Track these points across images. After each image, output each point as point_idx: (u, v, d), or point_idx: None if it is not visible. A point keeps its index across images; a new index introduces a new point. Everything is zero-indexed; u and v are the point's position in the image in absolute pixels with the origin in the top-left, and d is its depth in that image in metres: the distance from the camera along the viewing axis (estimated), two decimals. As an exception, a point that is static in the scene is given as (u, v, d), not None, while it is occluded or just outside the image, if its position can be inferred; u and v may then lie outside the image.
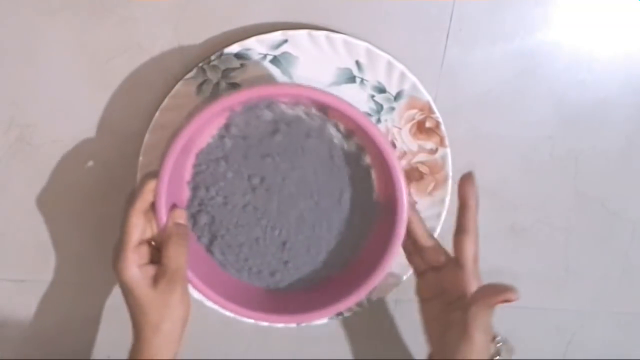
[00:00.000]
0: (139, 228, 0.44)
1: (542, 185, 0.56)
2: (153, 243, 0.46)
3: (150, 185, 0.44)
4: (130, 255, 0.43)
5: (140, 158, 0.50)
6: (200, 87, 0.48)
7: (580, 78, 0.52)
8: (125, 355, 0.46)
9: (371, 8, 0.48)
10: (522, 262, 0.59)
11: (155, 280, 0.44)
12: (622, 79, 0.53)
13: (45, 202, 0.53)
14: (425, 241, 0.47)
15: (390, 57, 0.48)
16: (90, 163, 0.52)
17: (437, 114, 0.50)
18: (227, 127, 0.48)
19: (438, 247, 0.47)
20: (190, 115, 0.46)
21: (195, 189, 0.49)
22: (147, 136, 0.49)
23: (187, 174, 0.49)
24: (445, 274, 0.46)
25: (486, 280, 0.61)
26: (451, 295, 0.45)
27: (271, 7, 0.48)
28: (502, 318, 0.62)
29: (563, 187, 0.57)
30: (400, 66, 0.48)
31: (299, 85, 0.47)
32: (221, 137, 0.48)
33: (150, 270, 0.44)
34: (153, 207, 0.45)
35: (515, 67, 0.51)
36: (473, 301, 0.44)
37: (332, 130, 0.48)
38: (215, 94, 0.49)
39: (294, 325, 0.58)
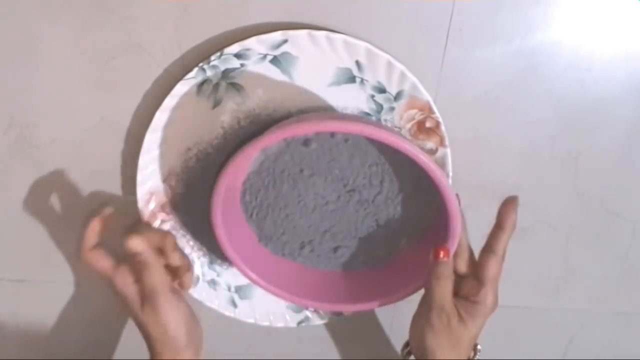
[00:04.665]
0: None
1: (542, 185, 0.56)
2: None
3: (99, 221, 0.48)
4: (117, 279, 0.47)
5: (140, 158, 0.50)
6: (200, 87, 0.48)
7: (580, 78, 0.52)
8: (123, 354, 0.46)
9: (371, 8, 0.48)
10: (522, 262, 0.59)
11: (140, 299, 0.46)
12: (622, 79, 0.53)
13: (45, 202, 0.53)
14: (462, 250, 0.49)
15: (390, 57, 0.48)
16: (91, 163, 0.52)
17: (437, 114, 0.50)
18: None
19: (471, 257, 0.50)
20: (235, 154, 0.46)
21: (248, 192, 0.51)
22: (147, 136, 0.49)
23: (239, 179, 0.51)
24: (465, 283, 0.49)
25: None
26: (463, 302, 0.48)
27: (271, 7, 0.48)
28: (502, 318, 0.62)
29: (563, 187, 0.57)
30: (400, 66, 0.48)
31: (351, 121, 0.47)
32: (280, 147, 0.50)
33: (138, 289, 0.47)
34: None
35: (516, 67, 0.51)
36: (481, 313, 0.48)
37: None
38: (215, 94, 0.49)
39: (293, 325, 0.58)
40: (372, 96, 0.50)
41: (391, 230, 0.53)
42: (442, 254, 0.47)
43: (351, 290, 0.53)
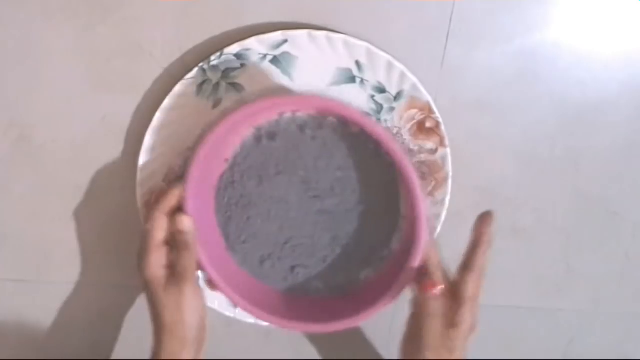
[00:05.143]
0: (162, 229, 0.46)
1: (542, 185, 0.56)
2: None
3: (176, 191, 0.46)
4: (153, 255, 0.45)
5: (140, 158, 0.50)
6: (200, 87, 0.48)
7: (580, 78, 0.52)
8: (122, 354, 0.46)
9: (371, 8, 0.48)
10: (522, 262, 0.59)
11: (166, 282, 0.45)
12: (622, 79, 0.53)
13: (46, 202, 0.53)
14: (435, 269, 0.47)
15: (390, 57, 0.48)
16: (91, 163, 0.52)
17: (437, 114, 0.50)
18: (256, 133, 0.49)
19: (445, 275, 0.47)
20: (213, 123, 0.46)
21: (220, 189, 0.51)
22: (147, 136, 0.49)
23: (215, 175, 0.50)
24: (444, 301, 0.46)
25: (487, 279, 0.61)
26: (445, 319, 0.46)
27: (271, 7, 0.48)
28: (502, 318, 0.62)
29: (563, 187, 0.57)
30: (400, 66, 0.48)
31: (326, 99, 0.48)
32: (252, 140, 0.49)
33: (167, 272, 0.46)
34: (178, 210, 0.46)
35: (515, 67, 0.51)
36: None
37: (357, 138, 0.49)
38: (215, 94, 0.49)
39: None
40: (372, 96, 0.50)
41: (350, 255, 0.52)
42: (431, 289, 0.45)
43: (307, 313, 0.52)
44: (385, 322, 0.62)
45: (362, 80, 0.49)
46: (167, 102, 0.48)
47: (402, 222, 0.51)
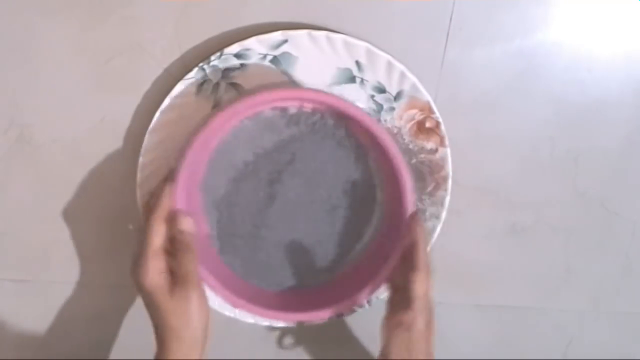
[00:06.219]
0: (160, 235, 0.45)
1: (542, 185, 0.56)
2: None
3: (167, 190, 0.46)
4: (151, 263, 0.44)
5: (140, 158, 0.50)
6: (200, 87, 0.48)
7: (580, 78, 0.52)
8: (122, 354, 0.46)
9: (371, 8, 0.48)
10: (522, 262, 0.59)
11: (171, 288, 0.45)
12: (622, 79, 0.53)
13: (46, 202, 0.53)
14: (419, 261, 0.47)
15: (390, 57, 0.48)
16: (91, 163, 0.52)
17: (437, 114, 0.50)
18: (238, 130, 0.49)
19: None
20: (203, 120, 0.46)
21: (206, 190, 0.51)
22: (147, 136, 0.49)
23: (201, 174, 0.50)
24: (399, 301, 0.48)
25: (487, 279, 0.61)
26: (399, 323, 0.47)
27: (271, 7, 0.48)
28: (502, 318, 0.62)
29: (563, 187, 0.57)
30: (400, 66, 0.48)
31: (311, 90, 0.49)
32: (233, 138, 0.49)
33: (168, 277, 0.45)
34: (172, 213, 0.46)
35: (515, 67, 0.51)
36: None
37: (338, 131, 0.50)
38: (215, 94, 0.49)
39: (293, 325, 0.58)
40: (372, 96, 0.50)
41: (330, 250, 0.53)
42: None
43: (297, 305, 0.52)
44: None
45: (362, 80, 0.49)
46: (167, 102, 0.48)
47: (380, 212, 0.53)
